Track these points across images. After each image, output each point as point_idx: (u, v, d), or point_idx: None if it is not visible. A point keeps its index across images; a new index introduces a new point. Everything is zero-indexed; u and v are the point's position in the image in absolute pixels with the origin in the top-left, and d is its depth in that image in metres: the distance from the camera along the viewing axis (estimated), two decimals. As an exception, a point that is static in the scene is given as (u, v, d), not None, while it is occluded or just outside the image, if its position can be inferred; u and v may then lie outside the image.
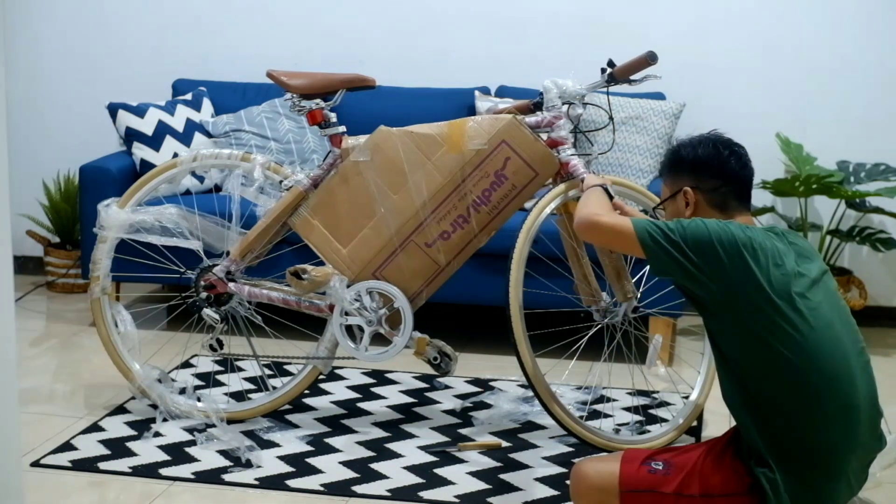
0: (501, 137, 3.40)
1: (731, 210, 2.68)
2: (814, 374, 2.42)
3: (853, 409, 2.45)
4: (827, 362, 2.43)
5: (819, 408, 2.42)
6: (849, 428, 2.44)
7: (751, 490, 2.46)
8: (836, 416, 2.43)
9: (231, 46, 5.29)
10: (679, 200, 2.73)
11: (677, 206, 2.74)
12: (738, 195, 2.70)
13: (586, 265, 3.54)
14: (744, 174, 2.72)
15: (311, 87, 3.53)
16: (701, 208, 2.70)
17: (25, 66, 5.39)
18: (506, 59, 5.12)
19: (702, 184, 2.70)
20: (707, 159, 2.71)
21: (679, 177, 2.75)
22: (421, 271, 3.49)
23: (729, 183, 2.69)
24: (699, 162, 2.71)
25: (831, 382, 2.43)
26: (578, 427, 3.39)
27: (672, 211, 2.77)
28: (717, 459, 2.52)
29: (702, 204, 2.70)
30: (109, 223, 3.68)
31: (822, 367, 2.42)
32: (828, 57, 4.95)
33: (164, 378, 3.72)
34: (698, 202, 2.70)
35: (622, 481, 2.52)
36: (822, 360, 2.43)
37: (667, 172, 2.81)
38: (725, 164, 2.70)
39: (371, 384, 4.07)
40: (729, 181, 2.69)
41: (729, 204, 2.69)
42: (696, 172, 2.71)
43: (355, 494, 3.19)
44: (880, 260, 5.05)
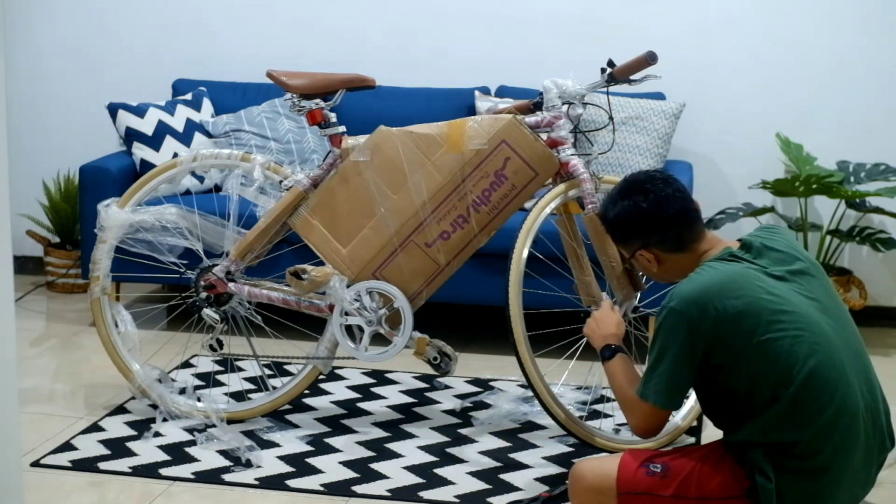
0: (501, 137, 3.40)
1: (688, 244, 2.65)
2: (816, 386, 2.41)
3: (850, 415, 2.42)
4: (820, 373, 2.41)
5: (814, 417, 2.41)
6: (846, 435, 2.42)
7: (749, 494, 2.46)
8: (832, 424, 2.41)
9: (231, 46, 5.29)
10: (640, 260, 2.72)
11: (642, 265, 2.74)
12: (687, 228, 2.65)
13: (586, 265, 3.54)
14: (680, 206, 2.65)
15: (311, 87, 3.53)
16: (662, 259, 2.68)
17: (25, 66, 5.39)
18: (506, 59, 5.12)
19: (648, 240, 2.67)
20: (637, 218, 2.66)
21: (626, 242, 2.74)
22: (421, 271, 3.49)
23: (670, 225, 2.65)
24: (632, 224, 2.68)
25: (824, 392, 2.41)
26: (578, 427, 3.39)
27: (641, 267, 2.78)
28: (716, 463, 2.51)
29: (661, 256, 2.68)
30: (109, 223, 3.68)
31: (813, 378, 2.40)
32: (828, 57, 4.95)
33: (164, 378, 3.72)
34: (657, 254, 2.68)
35: (620, 483, 2.51)
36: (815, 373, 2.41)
37: (615, 240, 2.80)
38: (657, 211, 2.64)
39: (371, 384, 4.07)
40: (669, 224, 2.65)
41: (684, 240, 2.65)
42: (636, 233, 2.68)
43: (355, 494, 3.19)
44: (880, 260, 5.05)
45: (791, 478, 2.42)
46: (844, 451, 2.43)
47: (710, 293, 2.46)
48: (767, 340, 2.42)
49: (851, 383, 2.45)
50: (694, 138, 4.96)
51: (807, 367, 2.41)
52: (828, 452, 2.41)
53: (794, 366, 2.41)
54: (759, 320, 2.43)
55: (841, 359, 2.45)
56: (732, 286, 2.47)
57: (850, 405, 2.43)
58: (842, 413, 2.42)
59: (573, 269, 3.59)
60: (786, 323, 2.43)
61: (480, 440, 3.57)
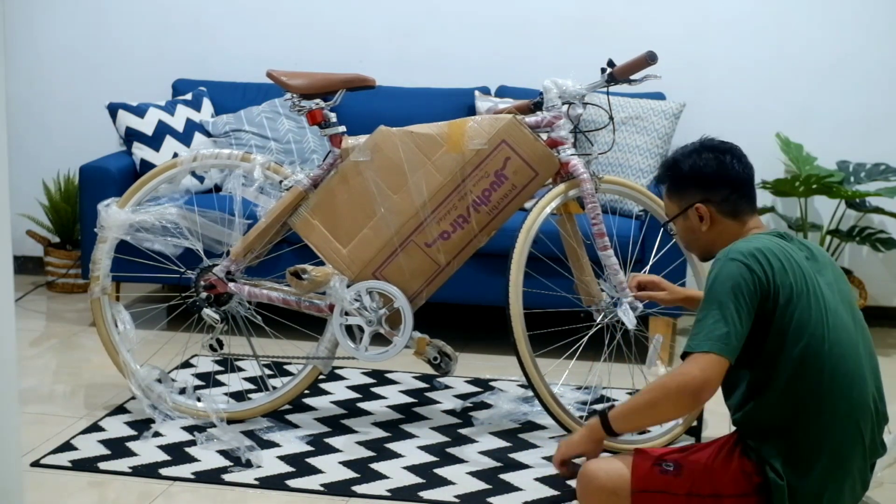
0: (501, 137, 3.40)
1: (742, 215, 2.66)
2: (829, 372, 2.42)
3: (862, 408, 2.45)
4: (842, 361, 2.44)
5: (830, 405, 2.43)
6: (855, 427, 2.44)
7: (759, 490, 2.47)
8: (844, 415, 2.43)
9: (231, 46, 5.29)
10: (691, 217, 2.69)
11: (690, 223, 2.70)
12: (747, 198, 2.68)
13: (586, 265, 3.54)
14: (747, 175, 2.70)
15: (311, 87, 3.53)
16: (715, 220, 2.67)
17: (25, 66, 5.39)
18: (506, 59, 5.12)
19: (711, 196, 2.66)
20: (712, 170, 2.67)
21: (685, 192, 2.70)
22: (421, 271, 3.49)
23: (737, 189, 2.66)
24: (704, 175, 2.67)
25: (844, 381, 2.43)
26: (578, 427, 3.39)
27: (684, 227, 2.73)
28: (727, 459, 2.52)
29: (715, 216, 2.67)
30: (109, 223, 3.68)
31: (838, 364, 2.43)
32: (828, 57, 4.95)
33: (164, 378, 3.72)
34: (713, 214, 2.67)
35: (634, 482, 2.51)
36: (838, 359, 2.43)
37: (669, 188, 2.75)
38: (730, 171, 2.67)
39: (371, 384, 4.07)
40: (736, 187, 2.66)
41: (740, 209, 2.66)
42: (703, 186, 2.67)
43: (355, 494, 3.19)
44: (880, 260, 5.05)
45: (800, 474, 2.43)
46: (851, 448, 2.45)
47: (766, 253, 2.47)
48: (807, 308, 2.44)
49: (867, 380, 2.47)
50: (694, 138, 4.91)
51: (833, 349, 2.44)
52: (836, 447, 2.43)
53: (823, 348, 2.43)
54: (800, 294, 2.45)
55: (860, 355, 2.48)
56: (782, 257, 2.49)
57: (863, 401, 2.45)
58: (855, 407, 2.44)
59: (573, 269, 3.59)
60: (819, 306, 2.46)
61: (480, 440, 3.57)
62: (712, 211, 2.67)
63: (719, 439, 2.61)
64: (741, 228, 2.66)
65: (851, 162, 4.84)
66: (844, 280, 2.62)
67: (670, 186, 2.75)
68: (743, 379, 2.53)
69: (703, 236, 2.70)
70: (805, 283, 2.47)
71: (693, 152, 2.72)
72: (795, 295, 2.45)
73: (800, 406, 2.44)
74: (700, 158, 2.69)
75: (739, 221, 2.66)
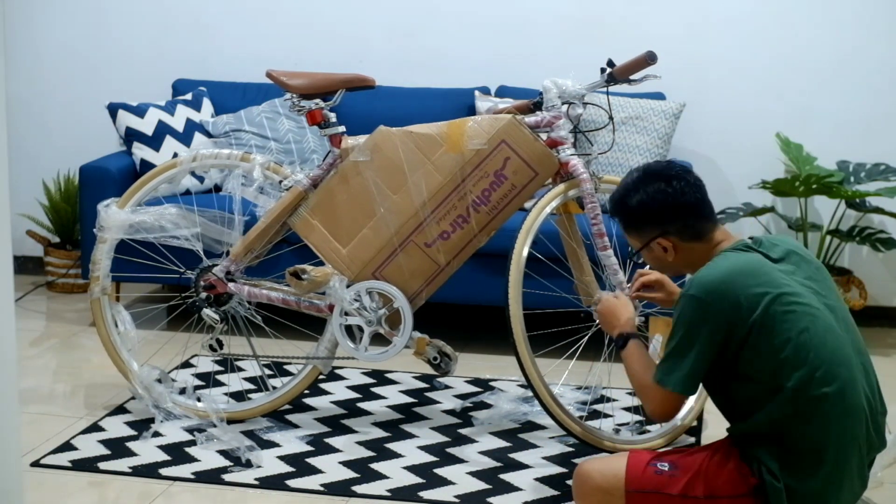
0: (501, 137, 3.40)
1: (705, 234, 2.64)
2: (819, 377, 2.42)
3: (855, 411, 2.45)
4: (831, 364, 2.43)
5: (821, 410, 2.42)
6: (850, 431, 2.44)
7: (755, 491, 2.47)
8: (837, 418, 2.43)
9: (231, 46, 5.29)
10: (655, 249, 2.68)
11: (656, 255, 2.69)
12: (705, 218, 2.65)
13: (586, 265, 3.54)
14: (699, 197, 2.65)
15: (311, 87, 3.53)
16: (679, 248, 2.65)
17: (25, 66, 5.39)
18: (506, 59, 5.12)
19: (668, 227, 2.64)
20: (661, 203, 2.63)
21: (641, 228, 2.68)
22: (421, 271, 3.49)
23: (692, 214, 2.63)
24: (654, 209, 2.64)
25: (834, 384, 2.43)
26: (578, 427, 3.39)
27: (652, 258, 2.72)
28: (722, 461, 2.52)
29: (678, 244, 2.65)
30: (109, 223, 3.68)
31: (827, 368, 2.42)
32: (828, 57, 4.95)
33: (164, 378, 3.72)
34: (674, 244, 2.65)
35: (628, 482, 2.51)
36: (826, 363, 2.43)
37: (624, 226, 2.73)
38: (680, 199, 2.63)
39: (371, 384, 4.07)
40: (691, 212, 2.63)
41: (701, 230, 2.64)
42: (657, 220, 2.64)
43: (355, 494, 3.19)
44: (880, 260, 5.05)
45: (796, 475, 2.43)
46: (847, 448, 2.44)
47: (729, 280, 2.47)
48: (783, 328, 2.43)
49: (857, 380, 2.47)
50: (694, 138, 4.96)
51: (821, 360, 2.42)
52: (832, 449, 2.43)
53: (808, 354, 2.42)
54: (776, 308, 2.44)
55: (849, 355, 2.47)
56: (750, 273, 2.48)
57: (855, 402, 2.45)
58: (848, 409, 2.43)
59: (573, 269, 3.59)
60: (799, 314, 2.45)
61: (480, 440, 3.57)
62: (674, 240, 2.65)
63: (716, 442, 2.62)
64: (709, 246, 2.64)
65: (851, 162, 4.83)
66: (825, 275, 2.60)
67: (624, 224, 2.74)
68: (735, 393, 2.54)
69: (672, 264, 2.71)
70: (781, 295, 2.46)
71: (639, 185, 2.67)
72: (769, 307, 2.44)
73: (791, 414, 2.43)
74: (646, 193, 2.65)
75: (705, 241, 2.64)
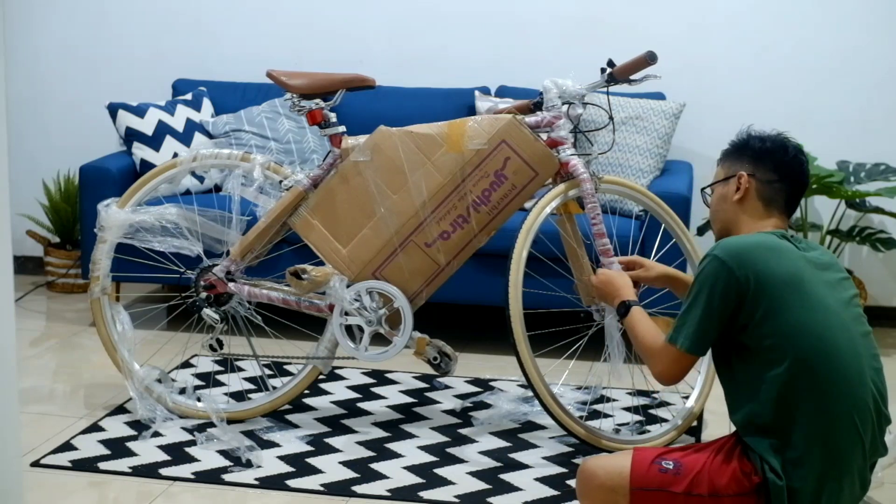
0: (501, 137, 3.40)
1: (774, 209, 2.66)
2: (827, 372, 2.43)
3: (861, 409, 2.45)
4: (840, 361, 2.44)
5: (827, 405, 2.42)
6: (854, 428, 2.44)
7: (758, 490, 2.47)
8: (843, 415, 2.43)
9: (231, 46, 5.29)
10: (731, 184, 2.69)
11: (727, 190, 2.70)
12: (788, 197, 2.68)
13: (586, 265, 3.54)
14: (801, 180, 2.70)
15: (311, 87, 3.53)
16: (749, 197, 2.67)
17: (25, 67, 5.39)
18: (506, 59, 5.12)
19: (759, 173, 2.67)
20: (773, 151, 2.68)
21: (739, 162, 2.71)
22: (421, 271, 3.49)
23: (785, 181, 2.67)
24: (765, 152, 2.69)
25: (842, 381, 2.43)
26: (578, 427, 3.39)
27: (720, 194, 2.73)
28: (726, 459, 2.52)
29: (752, 193, 2.67)
30: (109, 223, 3.68)
31: (836, 365, 2.43)
32: (828, 57, 4.95)
33: (164, 378, 3.72)
34: (749, 190, 2.67)
35: (633, 479, 2.51)
36: (836, 359, 2.43)
37: (727, 156, 2.76)
38: (790, 163, 2.68)
39: (371, 384, 4.07)
40: (786, 180, 2.67)
41: (776, 202, 2.66)
42: (759, 161, 2.68)
43: (355, 494, 3.19)
44: (880, 260, 5.05)
45: (799, 475, 2.43)
46: (850, 449, 2.44)
47: (754, 251, 2.49)
48: (795, 314, 2.45)
49: (867, 383, 2.47)
50: (694, 138, 4.96)
51: (831, 349, 2.43)
52: (835, 449, 2.42)
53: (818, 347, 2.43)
54: (795, 291, 2.46)
55: (860, 355, 2.47)
56: (775, 253, 2.51)
57: (863, 404, 2.45)
58: (854, 409, 2.44)
59: (573, 269, 3.59)
60: (814, 304, 2.47)
61: (480, 440, 3.57)
62: (752, 186, 2.67)
63: (719, 439, 2.61)
64: (763, 219, 2.65)
65: (851, 162, 4.84)
66: (849, 282, 2.62)
67: (729, 151, 2.76)
68: (742, 379, 2.54)
69: (730, 208, 2.70)
70: (801, 281, 2.48)
71: (767, 136, 2.73)
72: (787, 291, 2.45)
73: (797, 406, 2.44)
74: (771, 141, 2.71)
75: (766, 212, 2.66)
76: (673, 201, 3.97)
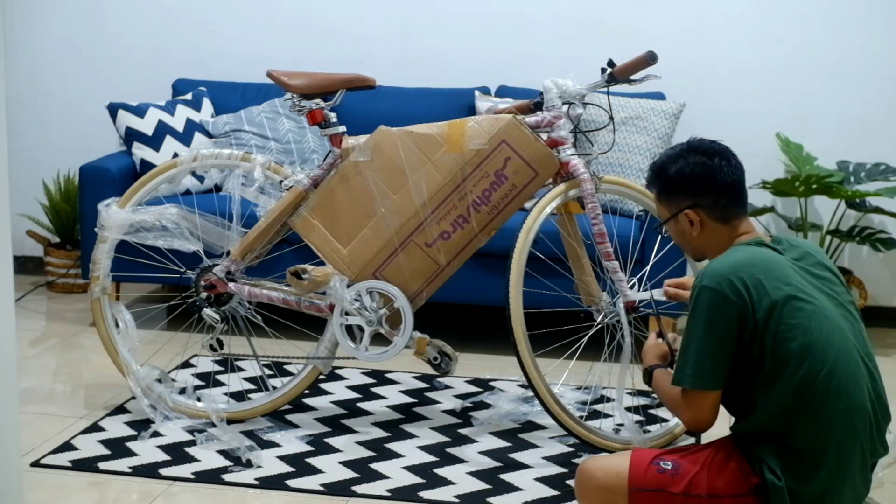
0: (501, 137, 3.40)
1: (733, 219, 2.63)
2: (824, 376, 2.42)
3: (859, 411, 2.45)
4: (836, 365, 2.43)
5: (825, 409, 2.42)
6: (853, 430, 2.44)
7: (757, 490, 2.47)
8: (841, 419, 2.42)
9: (231, 46, 5.29)
10: (682, 221, 2.66)
11: (681, 227, 2.67)
12: (737, 202, 2.65)
13: (586, 265, 3.54)
14: (738, 179, 2.65)
15: (311, 87, 3.53)
16: (705, 225, 2.64)
17: (25, 67, 5.39)
18: (506, 59, 5.12)
19: (701, 201, 2.63)
20: (700, 176, 2.63)
21: (674, 197, 2.67)
22: (421, 271, 3.49)
23: (726, 194, 2.63)
24: (692, 180, 2.63)
25: (839, 385, 2.43)
26: (578, 427, 3.39)
27: (676, 231, 2.71)
28: (724, 460, 2.52)
29: (705, 221, 2.64)
30: (109, 223, 3.68)
31: (832, 369, 2.42)
32: (828, 57, 4.95)
33: (164, 378, 3.72)
34: (702, 220, 2.64)
35: (631, 480, 2.51)
36: (832, 363, 2.43)
37: (659, 192, 2.72)
38: (718, 176, 2.62)
39: (371, 384, 4.07)
40: (726, 192, 2.63)
41: (731, 214, 2.63)
42: (692, 191, 2.63)
43: (355, 494, 3.19)
44: (880, 260, 5.05)
45: (798, 476, 2.43)
46: (850, 450, 2.44)
47: (741, 271, 2.46)
48: (790, 326, 2.43)
49: (862, 384, 2.47)
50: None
51: (826, 357, 2.43)
52: (834, 450, 2.42)
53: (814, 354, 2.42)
54: (784, 305, 2.44)
55: (855, 359, 2.47)
56: (763, 267, 2.48)
57: (859, 405, 2.44)
58: (851, 412, 2.43)
59: (573, 269, 3.59)
60: (808, 312, 2.45)
61: (480, 440, 3.57)
62: (702, 216, 2.64)
63: (718, 440, 2.61)
64: (732, 233, 2.64)
65: (851, 162, 4.84)
66: (839, 280, 2.60)
67: (659, 191, 2.72)
68: (739, 387, 2.53)
69: (694, 240, 2.69)
70: (792, 289, 2.46)
71: (681, 156, 2.67)
72: (780, 302, 2.44)
73: (796, 411, 2.43)
74: (688, 163, 2.65)
75: (730, 226, 2.64)
76: (673, 201, 3.96)
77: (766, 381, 2.46)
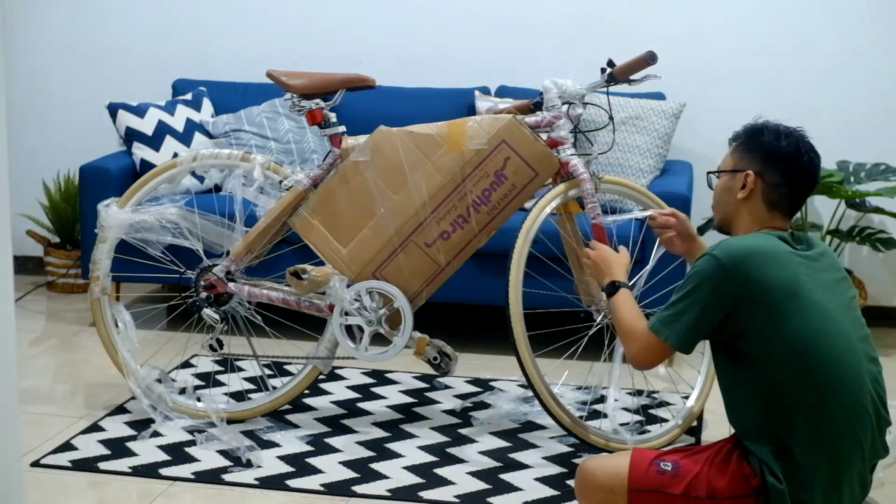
0: (501, 137, 3.40)
1: (778, 213, 2.62)
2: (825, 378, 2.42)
3: (860, 414, 2.44)
4: (838, 367, 2.43)
5: (826, 411, 2.42)
6: (853, 432, 2.43)
7: (757, 493, 2.46)
8: (842, 420, 2.42)
9: (231, 46, 5.29)
10: (738, 179, 2.64)
11: (733, 184, 2.65)
12: (793, 200, 2.63)
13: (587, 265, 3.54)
14: (809, 185, 2.65)
15: (311, 87, 3.53)
16: (754, 197, 2.62)
17: (25, 66, 5.39)
18: (506, 59, 5.12)
19: (768, 175, 2.61)
20: (785, 155, 2.61)
21: (749, 155, 2.64)
22: (421, 271, 3.49)
23: (793, 187, 2.61)
24: (778, 154, 2.61)
25: (841, 387, 2.42)
26: (578, 427, 3.39)
27: (724, 184, 2.68)
28: (724, 462, 2.51)
29: (757, 194, 2.61)
30: (109, 223, 3.68)
31: (833, 370, 2.42)
32: (828, 57, 4.95)
33: (164, 378, 3.72)
34: (755, 191, 2.61)
35: (631, 480, 2.51)
36: (834, 365, 2.43)
37: (739, 146, 2.69)
38: (800, 168, 2.61)
39: (371, 384, 4.07)
40: (793, 185, 2.61)
41: (781, 206, 2.62)
42: (769, 162, 2.61)
43: (355, 494, 3.19)
44: (880, 260, 5.05)
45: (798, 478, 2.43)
46: (850, 453, 2.44)
47: (753, 255, 2.46)
48: (794, 322, 2.43)
49: (865, 386, 2.46)
50: (694, 138, 4.96)
51: (825, 360, 2.42)
52: (834, 452, 2.42)
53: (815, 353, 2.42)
54: (793, 298, 2.44)
55: (858, 360, 2.47)
56: (774, 258, 2.48)
57: (861, 407, 2.44)
58: (852, 413, 2.43)
59: (573, 269, 3.59)
60: (812, 312, 2.45)
61: (480, 440, 3.57)
62: (758, 186, 2.62)
63: (718, 442, 2.61)
64: (765, 220, 2.62)
65: (851, 162, 4.83)
66: (847, 283, 2.60)
67: (740, 143, 2.69)
68: (741, 385, 2.53)
69: (732, 203, 2.66)
70: (799, 287, 2.45)
71: (783, 133, 2.65)
72: (785, 299, 2.43)
73: (797, 413, 2.43)
74: (786, 141, 2.63)
75: (769, 214, 2.62)
76: (673, 201, 3.95)
77: (765, 378, 2.46)
